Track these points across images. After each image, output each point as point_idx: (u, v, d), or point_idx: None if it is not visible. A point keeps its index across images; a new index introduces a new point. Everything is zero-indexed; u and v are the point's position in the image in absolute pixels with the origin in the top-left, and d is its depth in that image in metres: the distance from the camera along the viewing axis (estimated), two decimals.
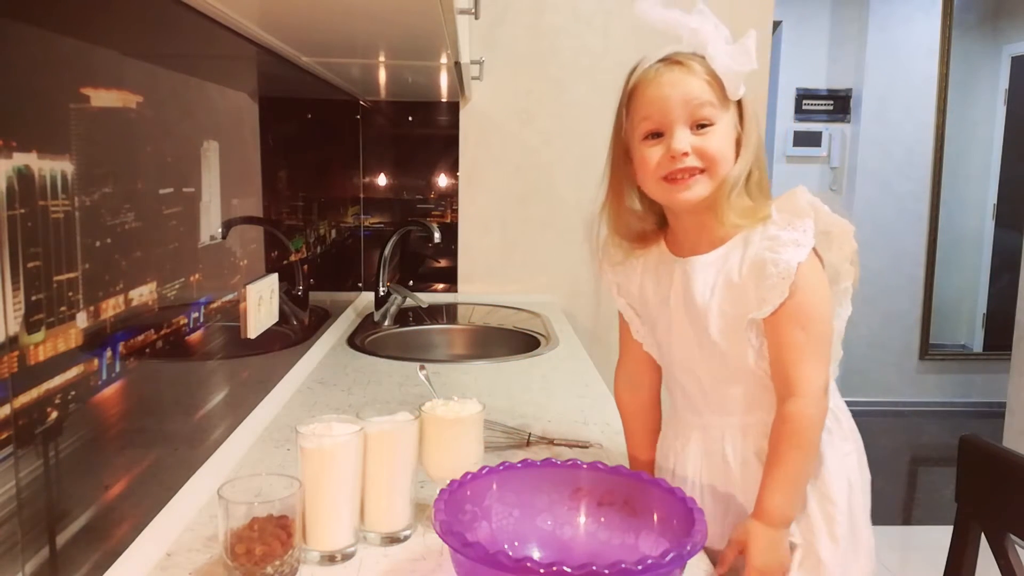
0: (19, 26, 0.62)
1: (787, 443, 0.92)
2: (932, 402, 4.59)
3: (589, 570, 0.64)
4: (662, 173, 0.95)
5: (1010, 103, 4.58)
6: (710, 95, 0.94)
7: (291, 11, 1.15)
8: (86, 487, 0.73)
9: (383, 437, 0.89)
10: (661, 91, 0.95)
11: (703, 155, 0.93)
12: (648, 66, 0.98)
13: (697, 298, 0.97)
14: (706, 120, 0.94)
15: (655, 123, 0.95)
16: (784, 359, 0.93)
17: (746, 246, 0.95)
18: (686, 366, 1.02)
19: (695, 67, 0.94)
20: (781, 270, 0.91)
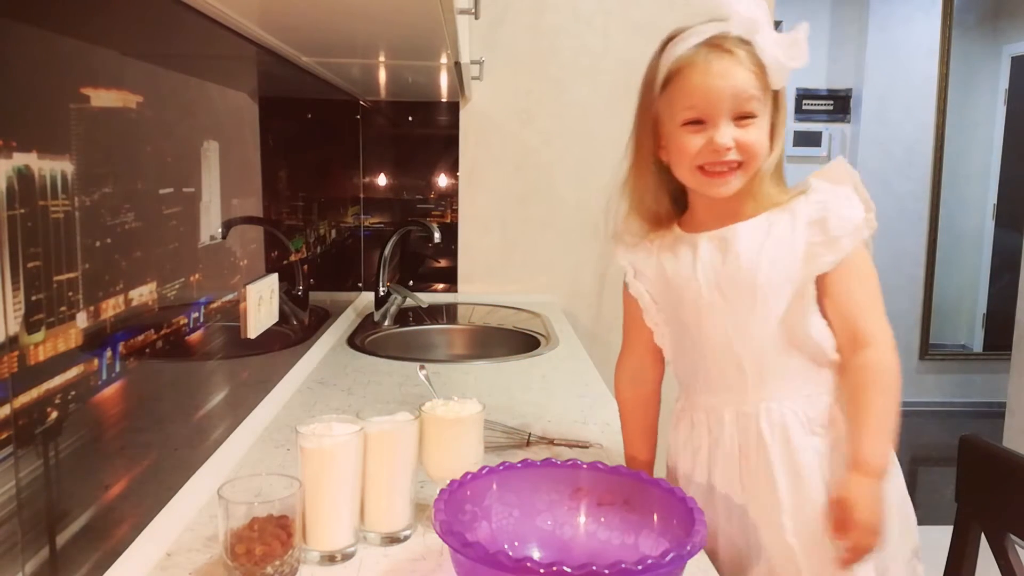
0: (19, 26, 0.62)
1: (872, 389, 0.92)
2: (932, 402, 4.59)
3: (589, 570, 0.64)
4: (700, 162, 0.95)
5: (1010, 103, 4.58)
6: (756, 88, 0.93)
7: (291, 11, 1.15)
8: (86, 487, 0.73)
9: (383, 437, 0.89)
10: (709, 81, 0.93)
11: (744, 149, 0.93)
12: (692, 48, 0.95)
13: (744, 263, 0.95)
14: (751, 113, 0.93)
15: (699, 112, 0.94)
16: (851, 313, 0.94)
17: (792, 213, 0.96)
18: (722, 343, 0.98)
19: (743, 57, 0.93)
20: (846, 223, 0.93)
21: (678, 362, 1.07)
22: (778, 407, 0.97)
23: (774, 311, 0.95)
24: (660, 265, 1.03)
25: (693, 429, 1.04)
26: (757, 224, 0.97)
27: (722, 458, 1.00)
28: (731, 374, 0.99)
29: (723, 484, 1.00)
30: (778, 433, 0.96)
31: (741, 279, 0.96)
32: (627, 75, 2.51)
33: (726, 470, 0.99)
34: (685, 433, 1.05)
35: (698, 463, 1.03)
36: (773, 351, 0.97)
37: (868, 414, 0.91)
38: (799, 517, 0.94)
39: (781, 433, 0.96)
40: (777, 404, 0.97)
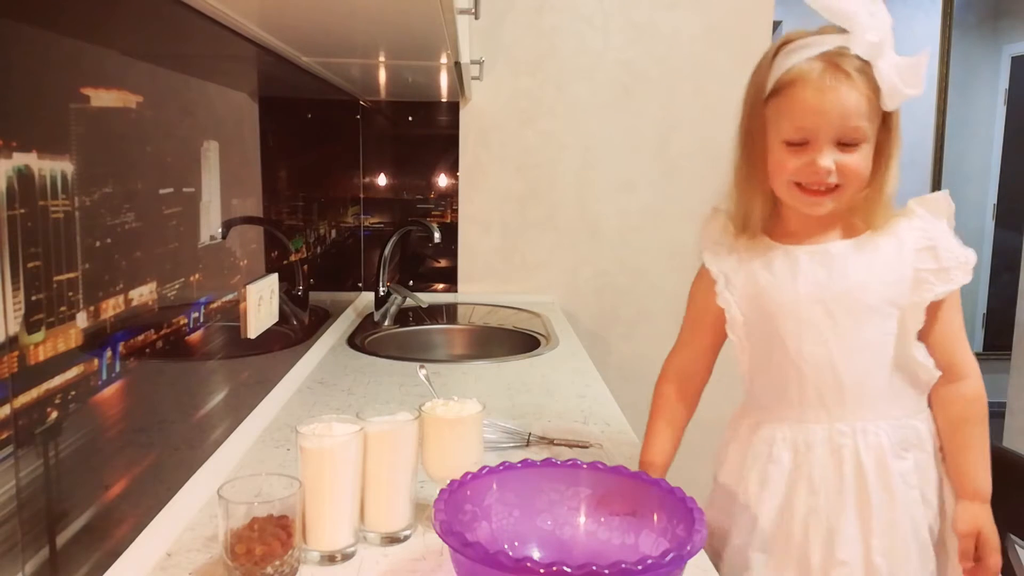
0: (19, 26, 0.62)
1: (976, 421, 0.98)
2: None
3: (589, 570, 0.64)
4: (798, 180, 0.94)
5: (1010, 103, 4.58)
6: (867, 113, 0.91)
7: (291, 11, 1.15)
8: (86, 487, 0.73)
9: (383, 437, 0.89)
10: (820, 102, 0.90)
11: (844, 173, 0.93)
12: (808, 61, 0.91)
13: (853, 282, 0.95)
14: (856, 139, 0.92)
15: (805, 132, 0.92)
16: (951, 342, 0.98)
17: (898, 237, 0.96)
18: (822, 360, 0.97)
19: (860, 82, 0.90)
20: (958, 256, 0.95)
21: (760, 377, 1.04)
22: (873, 428, 0.97)
23: (880, 332, 0.96)
24: (752, 276, 1.01)
25: (772, 446, 1.02)
26: (862, 243, 0.97)
27: (806, 476, 0.99)
28: (828, 393, 0.98)
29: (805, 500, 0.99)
30: (873, 454, 0.97)
31: (849, 297, 0.95)
32: (627, 75, 2.53)
33: (811, 487, 0.99)
34: (760, 449, 1.03)
35: (773, 478, 1.01)
36: (875, 372, 0.97)
37: (975, 445, 0.97)
38: (887, 537, 0.96)
39: (876, 454, 0.97)
40: (873, 425, 0.98)
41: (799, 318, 0.97)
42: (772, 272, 0.99)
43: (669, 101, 2.36)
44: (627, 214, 2.41)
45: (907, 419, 0.99)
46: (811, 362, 0.98)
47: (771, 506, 1.01)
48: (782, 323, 0.99)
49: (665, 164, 2.39)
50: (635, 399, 1.14)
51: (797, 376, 0.99)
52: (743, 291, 1.02)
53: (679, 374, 1.11)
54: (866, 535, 0.96)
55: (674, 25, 2.33)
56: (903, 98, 0.91)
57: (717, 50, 2.32)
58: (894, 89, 0.90)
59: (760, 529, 1.01)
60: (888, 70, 0.90)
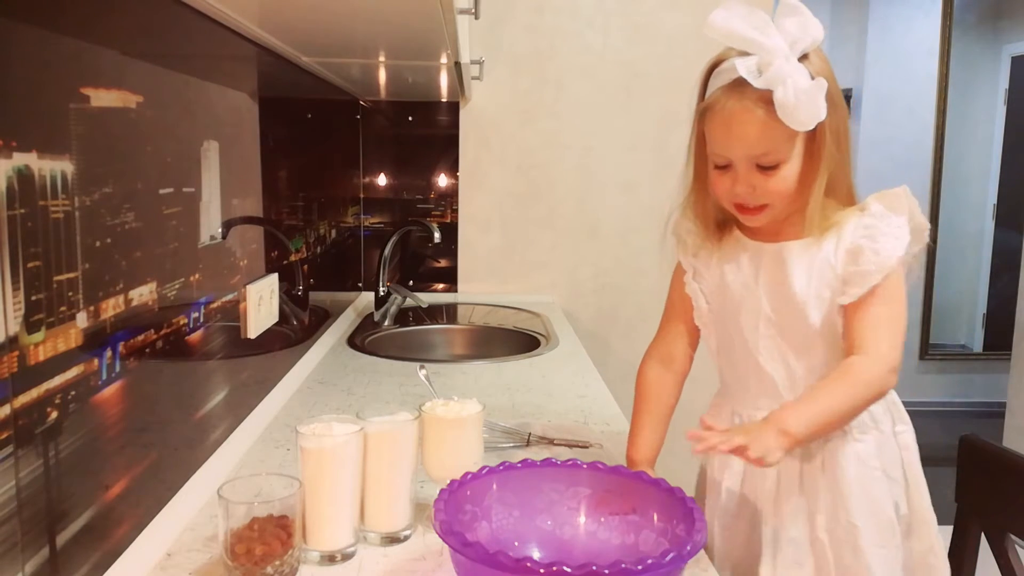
0: (19, 26, 0.62)
1: (840, 382, 0.92)
2: (932, 402, 4.59)
3: (589, 570, 0.64)
4: (730, 202, 0.98)
5: (1010, 103, 4.58)
6: (773, 139, 0.91)
7: (291, 11, 1.15)
8: (86, 487, 0.73)
9: (383, 437, 0.89)
10: (726, 131, 0.93)
11: (765, 194, 0.94)
12: (718, 90, 0.94)
13: (795, 284, 0.98)
14: (770, 164, 0.93)
15: (721, 159, 0.96)
16: (860, 328, 0.94)
17: (840, 233, 0.97)
18: (774, 354, 1.01)
19: (759, 113, 0.90)
20: (881, 259, 0.93)
21: (726, 363, 1.09)
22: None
23: (824, 329, 0.98)
24: (721, 272, 1.05)
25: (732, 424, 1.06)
26: (810, 244, 0.98)
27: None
28: (783, 384, 1.02)
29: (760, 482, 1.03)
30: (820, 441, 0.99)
31: (789, 297, 0.98)
32: (627, 75, 2.53)
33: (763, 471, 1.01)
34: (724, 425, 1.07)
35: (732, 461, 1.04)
36: (826, 365, 0.99)
37: (820, 395, 0.92)
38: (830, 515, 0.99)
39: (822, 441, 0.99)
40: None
41: (757, 313, 1.01)
42: (738, 267, 1.03)
43: (669, 101, 2.36)
44: (627, 214, 2.41)
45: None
46: (766, 355, 1.02)
47: (732, 484, 1.06)
48: (742, 316, 1.03)
49: (665, 164, 2.39)
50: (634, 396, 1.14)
51: (755, 366, 1.03)
52: (710, 283, 1.07)
53: (659, 361, 1.13)
54: (811, 513, 1.00)
55: (674, 25, 2.33)
56: (805, 124, 0.89)
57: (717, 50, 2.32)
58: (794, 118, 0.88)
59: (721, 505, 1.06)
60: (784, 97, 0.88)
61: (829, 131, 0.93)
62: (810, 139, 0.93)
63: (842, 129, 0.96)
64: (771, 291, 1.00)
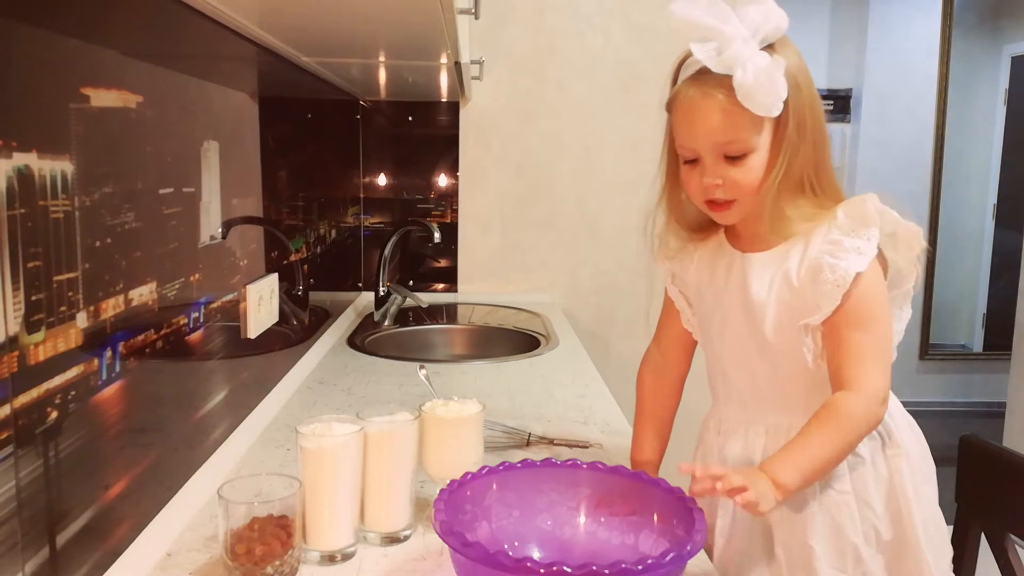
0: (19, 26, 0.62)
1: (827, 424, 0.87)
2: (932, 402, 4.59)
3: (589, 570, 0.64)
4: (700, 198, 0.95)
5: (1010, 103, 4.58)
6: (737, 127, 0.89)
7: (291, 11, 1.15)
8: (86, 487, 0.73)
9: (383, 437, 0.89)
10: (690, 122, 0.92)
11: (734, 187, 0.92)
12: (682, 83, 0.93)
13: (754, 296, 0.96)
14: (736, 153, 0.91)
15: (688, 152, 0.94)
16: (841, 359, 0.90)
17: (807, 246, 0.93)
18: (740, 362, 1.00)
19: (722, 98, 0.88)
20: (838, 277, 0.89)
21: (707, 365, 1.08)
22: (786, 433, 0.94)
23: (790, 342, 0.95)
24: (698, 276, 1.05)
25: (706, 433, 1.07)
26: (772, 257, 0.96)
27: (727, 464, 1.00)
28: (747, 393, 1.01)
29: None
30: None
31: (754, 309, 0.97)
32: (627, 75, 2.53)
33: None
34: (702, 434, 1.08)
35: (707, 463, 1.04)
36: (792, 379, 0.97)
37: (809, 440, 0.87)
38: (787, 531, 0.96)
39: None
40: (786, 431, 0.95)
41: (726, 321, 1.00)
42: (713, 272, 1.02)
43: None
44: (627, 214, 2.41)
45: None
46: (732, 363, 1.01)
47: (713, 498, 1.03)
48: (711, 324, 1.03)
49: None
50: (635, 399, 1.14)
51: (722, 374, 1.03)
52: (692, 287, 1.07)
53: (654, 367, 1.14)
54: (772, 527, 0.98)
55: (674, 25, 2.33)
56: (764, 107, 0.87)
57: None
58: (753, 100, 0.87)
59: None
60: (743, 78, 0.86)
61: (794, 120, 0.89)
62: (777, 129, 0.90)
63: (808, 116, 0.91)
64: (736, 299, 0.99)
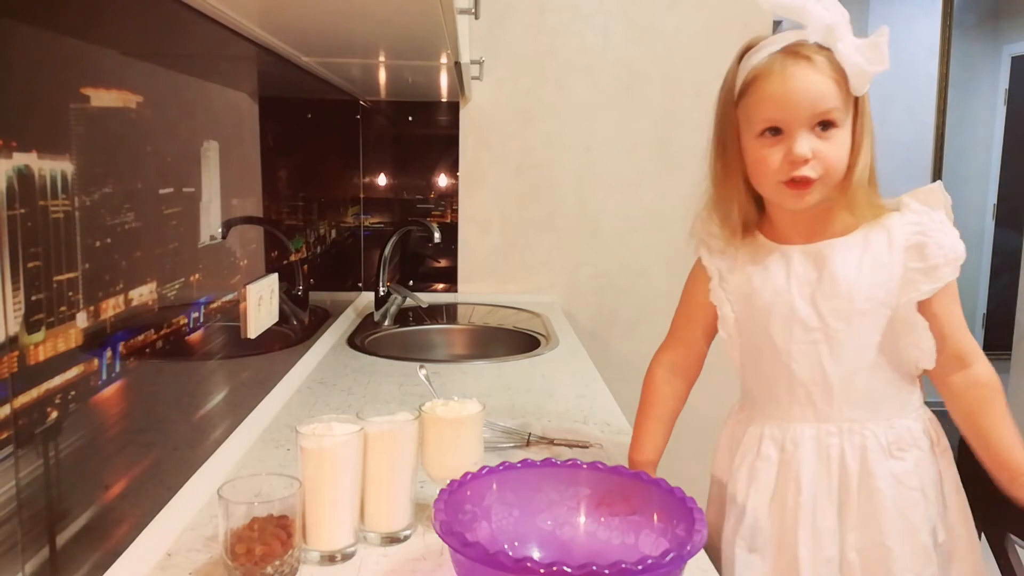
0: (19, 26, 0.62)
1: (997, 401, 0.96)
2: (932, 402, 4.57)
3: (589, 570, 0.64)
4: (782, 178, 0.93)
5: (1010, 103, 4.59)
6: (836, 96, 0.91)
7: (291, 11, 1.15)
8: (86, 487, 0.73)
9: (383, 437, 0.89)
10: (786, 89, 0.91)
11: (821, 161, 0.92)
12: (769, 56, 0.92)
13: (841, 282, 0.95)
14: (831, 122, 0.91)
15: (776, 122, 0.92)
16: (955, 333, 0.97)
17: (888, 230, 0.96)
18: (810, 358, 0.98)
19: (822, 64, 0.90)
20: (947, 251, 0.94)
21: (750, 374, 1.05)
22: (860, 429, 0.98)
23: (870, 332, 0.96)
24: (746, 275, 1.02)
25: (760, 443, 1.03)
26: (854, 241, 0.96)
27: (794, 474, 0.99)
28: (817, 392, 0.98)
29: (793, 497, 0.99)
30: (858, 456, 0.97)
31: (839, 298, 0.95)
32: (627, 75, 2.53)
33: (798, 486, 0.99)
34: (749, 445, 1.04)
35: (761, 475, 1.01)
36: (864, 372, 0.97)
37: (1003, 424, 0.95)
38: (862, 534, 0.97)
39: (861, 456, 0.97)
40: (860, 426, 0.98)
41: (790, 318, 0.98)
42: (766, 271, 1.00)
43: (669, 101, 2.36)
44: (627, 214, 2.41)
45: (899, 419, 0.99)
46: (800, 361, 0.98)
47: (759, 501, 1.01)
48: (773, 322, 0.99)
49: (665, 164, 2.39)
50: (635, 399, 1.14)
51: (786, 375, 1.00)
52: (737, 289, 1.03)
53: (669, 370, 1.11)
54: (844, 532, 0.97)
55: (674, 25, 2.33)
56: (869, 77, 0.90)
57: (717, 50, 2.31)
58: (858, 68, 0.90)
59: (746, 525, 1.02)
60: (848, 51, 0.90)
61: (867, 113, 0.93)
62: (854, 115, 0.93)
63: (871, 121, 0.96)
64: (808, 293, 0.97)
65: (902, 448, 0.98)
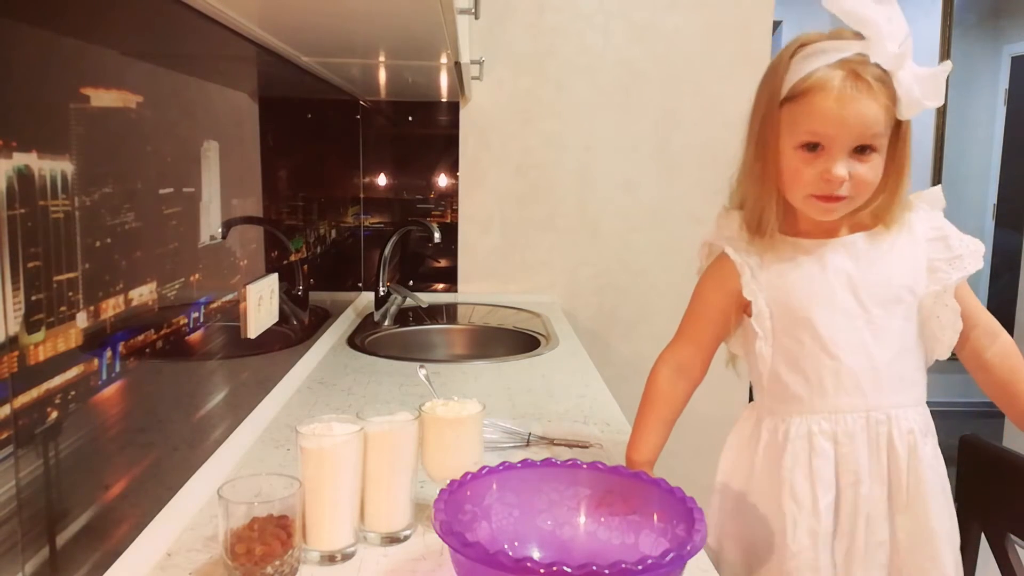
0: (19, 26, 0.62)
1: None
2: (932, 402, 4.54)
3: (589, 570, 0.64)
4: (814, 191, 0.95)
5: (1010, 103, 4.58)
6: (884, 123, 0.92)
7: (291, 11, 1.15)
8: (86, 487, 0.73)
9: (383, 437, 0.89)
10: (841, 112, 0.91)
11: (856, 184, 0.94)
12: (828, 68, 0.91)
13: (878, 269, 0.99)
14: (871, 147, 0.93)
15: (820, 138, 0.93)
16: (980, 313, 1.05)
17: (911, 227, 1.02)
18: (856, 347, 0.98)
19: (879, 91, 0.90)
20: (968, 243, 1.02)
21: (789, 370, 1.02)
22: (903, 414, 1.01)
23: (903, 319, 1.00)
24: (778, 272, 1.01)
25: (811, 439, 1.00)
26: (879, 236, 1.01)
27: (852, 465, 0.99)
28: (864, 379, 0.99)
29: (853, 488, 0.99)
30: (906, 440, 1.00)
31: (877, 286, 0.99)
32: (627, 75, 2.53)
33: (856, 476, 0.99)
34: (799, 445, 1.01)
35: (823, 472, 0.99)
36: (904, 357, 1.01)
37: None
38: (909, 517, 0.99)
39: (908, 440, 1.00)
40: (902, 411, 1.01)
41: (833, 307, 0.99)
42: (798, 265, 1.01)
43: (669, 101, 2.36)
44: (627, 214, 2.41)
45: (924, 405, 1.04)
46: (847, 349, 0.99)
47: (827, 501, 0.99)
48: (816, 312, 0.99)
49: (665, 164, 2.39)
50: (635, 399, 1.13)
51: (832, 364, 0.99)
52: (768, 287, 1.02)
53: (677, 369, 1.09)
54: (892, 514, 1.00)
55: (674, 25, 2.33)
56: (921, 108, 0.92)
57: (717, 50, 2.32)
58: (913, 100, 0.91)
59: (824, 526, 0.99)
60: (908, 80, 0.90)
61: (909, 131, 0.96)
62: (895, 136, 0.95)
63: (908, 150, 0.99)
64: (845, 282, 0.99)
65: (925, 434, 1.02)
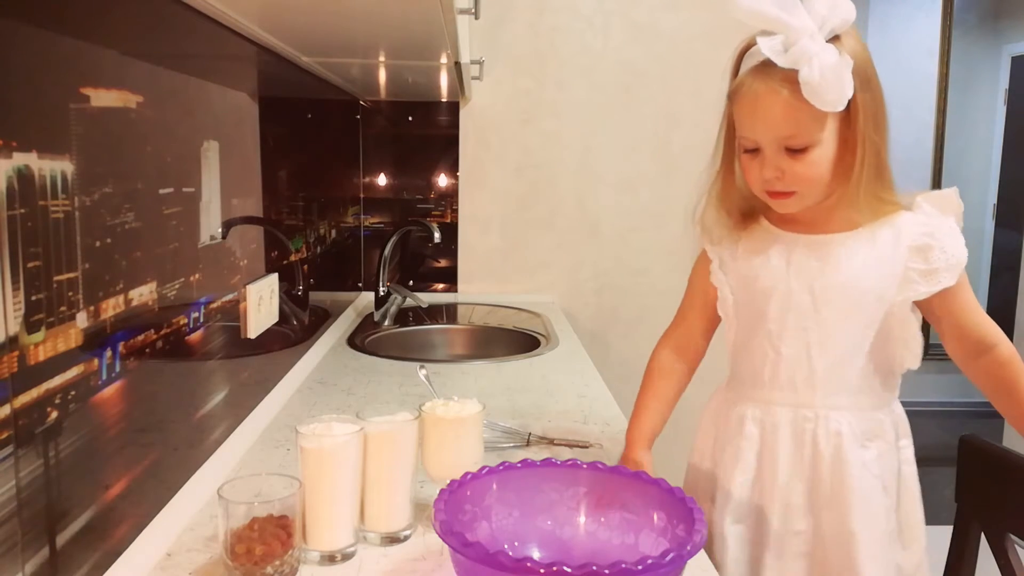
0: (19, 26, 0.62)
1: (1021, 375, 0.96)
2: (932, 402, 4.59)
3: (589, 570, 0.64)
4: (760, 188, 0.97)
5: (1010, 103, 4.58)
6: (801, 121, 0.90)
7: (291, 11, 1.15)
8: (86, 487, 0.73)
9: (383, 437, 0.89)
10: (751, 113, 0.93)
11: (795, 180, 0.93)
12: (745, 73, 0.93)
13: (848, 277, 0.97)
14: (798, 146, 0.92)
15: (748, 141, 0.95)
16: (973, 322, 0.99)
17: (897, 229, 0.98)
18: (799, 345, 1.00)
19: (784, 93, 0.89)
20: (948, 257, 0.96)
21: (740, 356, 1.08)
22: (836, 417, 1.00)
23: (861, 325, 0.98)
24: (748, 260, 1.04)
25: (743, 423, 1.05)
26: (861, 236, 0.98)
27: (771, 454, 1.03)
28: (799, 378, 1.01)
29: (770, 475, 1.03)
30: (832, 443, 1.00)
31: (836, 290, 0.98)
32: (627, 75, 2.53)
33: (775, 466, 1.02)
34: (733, 425, 1.07)
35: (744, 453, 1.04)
36: (849, 363, 1.00)
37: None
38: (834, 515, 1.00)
39: (835, 443, 1.00)
40: (836, 414, 1.00)
41: (787, 303, 1.00)
42: (767, 258, 1.02)
43: (669, 101, 2.36)
44: (627, 214, 2.41)
45: (873, 411, 1.02)
46: (789, 346, 1.01)
47: (744, 480, 1.05)
48: (768, 306, 1.02)
49: (665, 164, 2.39)
50: (635, 399, 1.14)
51: (774, 358, 1.03)
52: (737, 273, 1.06)
53: (673, 347, 1.14)
54: (817, 510, 1.01)
55: (674, 25, 2.33)
56: (830, 104, 0.88)
57: (717, 50, 2.30)
58: (819, 97, 0.87)
59: (734, 500, 1.05)
60: (809, 75, 0.86)
61: (865, 113, 0.92)
62: (845, 122, 0.92)
63: (880, 112, 0.95)
64: (806, 282, 0.99)
65: (870, 439, 1.01)
